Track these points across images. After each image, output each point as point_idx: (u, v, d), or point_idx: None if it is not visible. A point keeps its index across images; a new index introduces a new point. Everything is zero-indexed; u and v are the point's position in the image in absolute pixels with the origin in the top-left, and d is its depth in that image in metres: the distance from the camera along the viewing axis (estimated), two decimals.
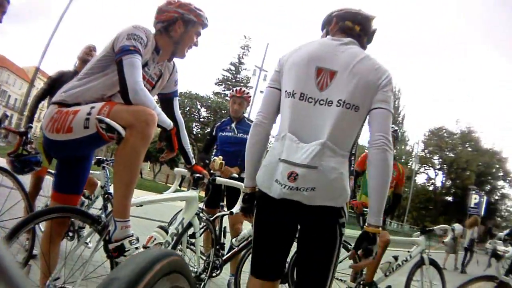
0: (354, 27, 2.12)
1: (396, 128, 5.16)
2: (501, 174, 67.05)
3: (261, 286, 2.04)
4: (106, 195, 3.63)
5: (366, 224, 1.94)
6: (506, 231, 4.01)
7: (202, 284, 3.33)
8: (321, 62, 2.00)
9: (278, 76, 2.13)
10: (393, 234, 7.26)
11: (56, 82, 4.14)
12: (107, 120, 1.96)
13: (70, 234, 3.72)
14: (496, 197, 67.13)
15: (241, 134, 4.52)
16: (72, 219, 3.04)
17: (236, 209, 3.38)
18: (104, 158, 4.01)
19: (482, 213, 42.73)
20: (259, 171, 2.05)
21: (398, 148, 57.65)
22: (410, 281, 4.46)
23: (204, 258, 3.56)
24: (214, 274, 3.74)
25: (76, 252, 2.41)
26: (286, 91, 2.03)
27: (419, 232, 4.85)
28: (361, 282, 4.47)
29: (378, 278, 4.54)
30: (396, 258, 4.60)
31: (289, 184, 1.84)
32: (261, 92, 30.97)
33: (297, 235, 2.07)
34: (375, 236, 1.91)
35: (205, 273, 3.40)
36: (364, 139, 2.18)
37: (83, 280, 2.25)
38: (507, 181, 66.55)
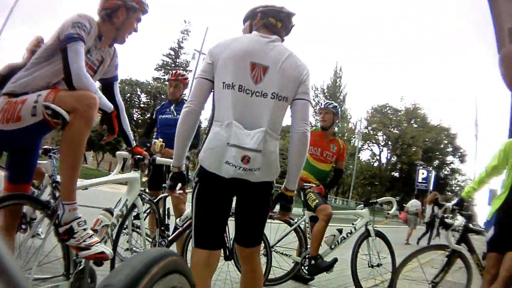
0: (276, 24, 2.48)
1: (336, 104, 5.36)
2: (451, 149, 69.26)
3: (209, 255, 2.32)
4: (54, 184, 3.66)
5: (283, 188, 2.46)
6: (454, 201, 4.15)
7: None
8: (254, 58, 2.32)
9: (210, 68, 2.36)
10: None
11: (6, 77, 4.12)
12: (53, 106, 2.09)
13: (23, 226, 3.74)
14: (446, 172, 69.28)
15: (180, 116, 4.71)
16: (24, 211, 3.15)
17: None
18: (51, 147, 4.03)
19: (431, 188, 44.16)
20: (204, 154, 2.30)
21: (340, 125, 57.25)
22: (356, 253, 4.56)
23: (150, 240, 3.69)
24: None
25: (28, 241, 2.54)
26: (224, 82, 2.30)
27: (362, 205, 4.95)
28: (307, 256, 4.50)
29: (323, 251, 4.59)
30: (340, 231, 4.72)
31: (243, 166, 2.17)
32: None
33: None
34: (292, 198, 2.50)
35: None
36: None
37: (39, 267, 2.38)
38: (457, 156, 68.76)
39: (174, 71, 5.18)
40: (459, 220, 3.91)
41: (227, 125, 2.22)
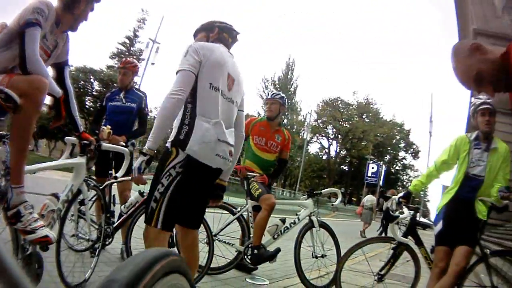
0: (228, 39, 2.95)
1: (283, 95, 5.41)
2: (403, 145, 71.34)
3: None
4: (6, 169, 3.54)
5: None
6: (400, 194, 4.11)
7: (97, 252, 3.51)
8: (229, 69, 2.77)
9: (198, 65, 2.61)
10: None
11: None
12: (6, 90, 2.12)
13: None
14: (397, 168, 71.37)
15: (128, 103, 4.88)
16: None
17: (120, 173, 3.70)
18: (5, 133, 3.89)
19: (381, 182, 45.37)
20: (198, 147, 2.53)
21: (289, 117, 58.37)
22: (299, 243, 4.58)
23: (96, 226, 3.68)
24: (107, 243, 3.93)
25: None
26: (211, 84, 2.62)
27: (306, 195, 4.97)
28: (250, 246, 4.52)
29: (266, 241, 4.62)
30: (283, 221, 4.74)
31: (229, 158, 2.72)
32: (153, 64, 32.17)
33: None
34: (224, 187, 3.04)
35: (98, 242, 3.55)
36: None
37: None
38: (409, 152, 70.93)
39: (124, 59, 5.26)
40: (405, 213, 3.94)
41: (215, 123, 2.58)
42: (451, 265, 3.33)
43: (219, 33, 2.89)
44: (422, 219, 4.42)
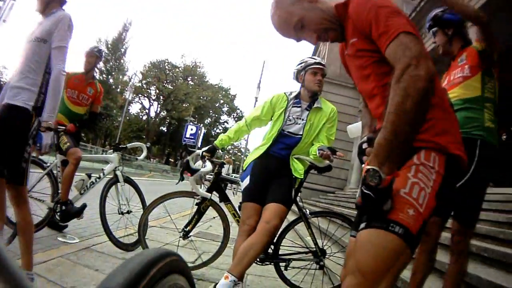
0: None
1: (101, 48, 5.43)
2: (226, 109, 74.07)
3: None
4: None
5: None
6: (204, 148, 3.85)
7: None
8: None
9: None
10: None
11: None
12: None
13: None
14: (218, 131, 73.64)
15: None
16: None
17: None
18: None
19: (199, 144, 46.16)
20: None
21: (115, 77, 59.04)
22: (104, 198, 4.50)
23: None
24: None
25: None
26: None
27: (112, 150, 4.94)
28: (58, 201, 4.46)
29: (73, 196, 4.55)
30: (89, 175, 4.64)
31: None
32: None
33: None
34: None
35: None
36: None
37: None
38: (232, 116, 73.68)
39: None
40: (208, 167, 3.88)
41: None
42: (260, 222, 3.19)
43: None
44: (228, 175, 4.54)
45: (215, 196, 3.89)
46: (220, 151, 4.29)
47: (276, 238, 3.56)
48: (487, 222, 5.16)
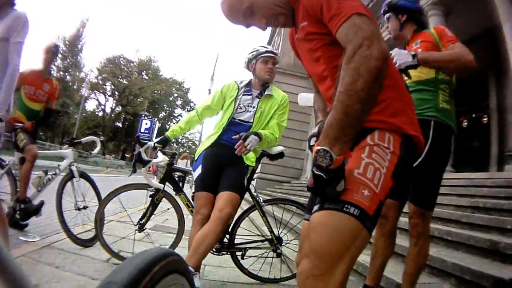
0: None
1: (58, 44, 5.47)
2: (180, 102, 73.80)
3: None
4: None
5: None
6: (156, 139, 3.91)
7: None
8: None
9: None
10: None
11: None
12: None
13: None
14: (173, 124, 73.51)
15: None
16: None
17: None
18: None
19: (154, 138, 45.75)
20: None
21: (72, 73, 57.99)
22: (60, 194, 4.43)
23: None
24: None
25: None
26: None
27: (67, 145, 4.82)
28: (18, 200, 4.45)
29: (32, 194, 4.53)
30: (46, 172, 4.60)
31: None
32: None
33: None
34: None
35: None
36: None
37: None
38: (186, 109, 73.32)
39: None
40: (160, 158, 3.86)
41: None
42: (213, 211, 3.17)
43: None
44: (179, 166, 4.54)
45: (169, 188, 3.86)
46: (175, 144, 4.30)
47: (231, 227, 3.61)
48: (450, 207, 5.29)
